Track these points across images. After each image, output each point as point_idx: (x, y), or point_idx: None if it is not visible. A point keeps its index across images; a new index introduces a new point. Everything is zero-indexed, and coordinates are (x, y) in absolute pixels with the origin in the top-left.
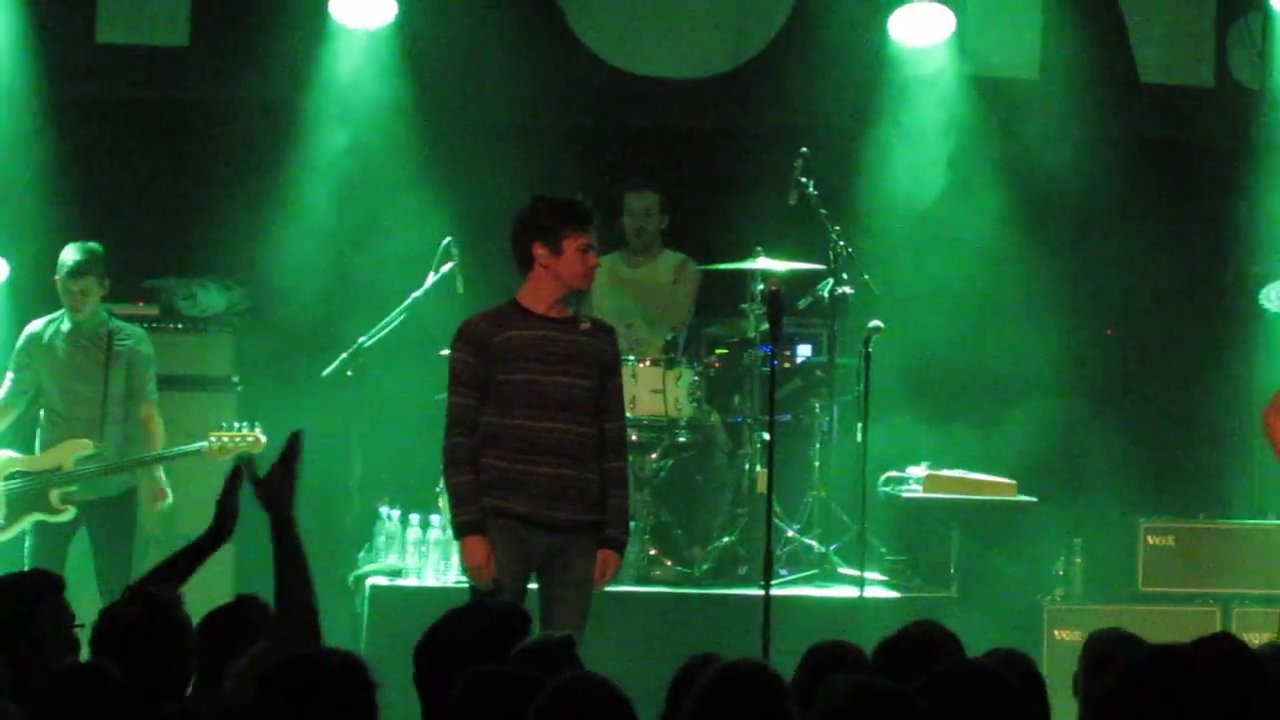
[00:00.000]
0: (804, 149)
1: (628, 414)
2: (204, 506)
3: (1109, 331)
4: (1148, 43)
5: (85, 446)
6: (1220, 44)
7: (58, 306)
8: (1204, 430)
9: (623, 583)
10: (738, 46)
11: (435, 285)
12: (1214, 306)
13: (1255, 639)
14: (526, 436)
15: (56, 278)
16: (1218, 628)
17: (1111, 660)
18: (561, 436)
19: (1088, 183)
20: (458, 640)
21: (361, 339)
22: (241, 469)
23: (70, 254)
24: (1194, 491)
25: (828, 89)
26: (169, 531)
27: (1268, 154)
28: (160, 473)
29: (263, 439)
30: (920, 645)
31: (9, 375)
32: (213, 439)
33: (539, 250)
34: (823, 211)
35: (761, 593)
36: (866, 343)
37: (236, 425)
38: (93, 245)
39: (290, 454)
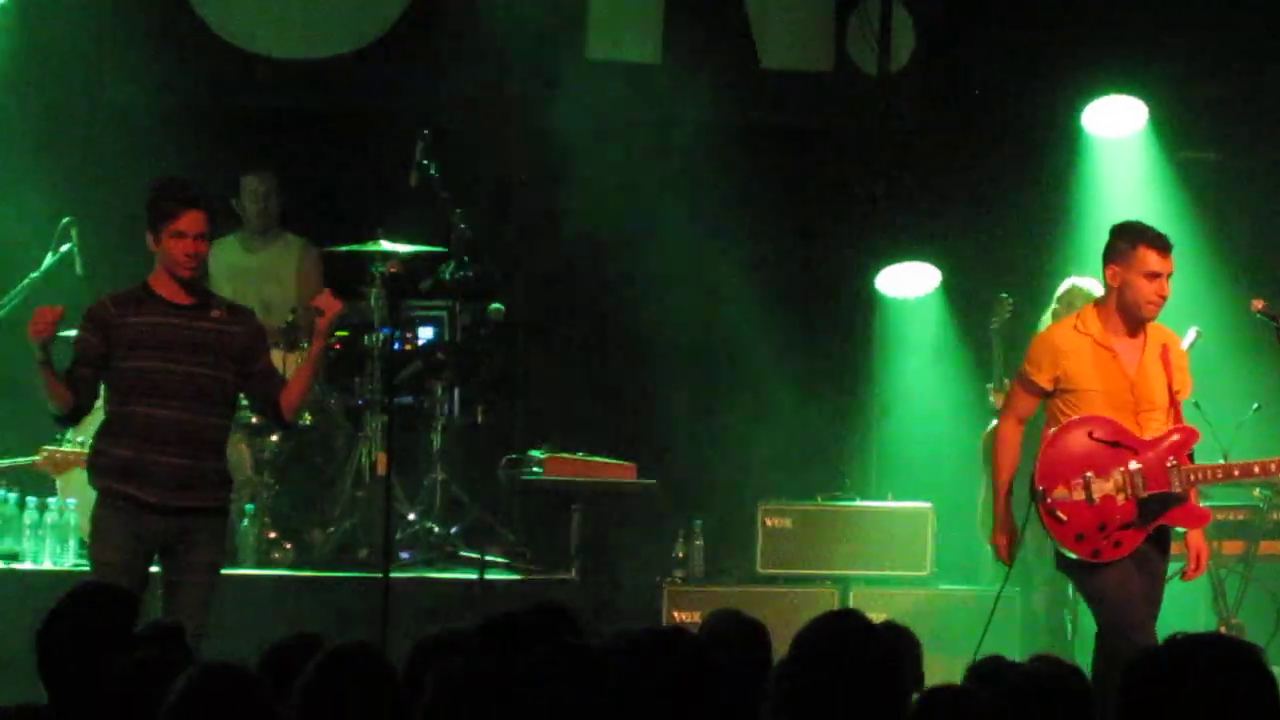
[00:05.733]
0: (425, 130)
1: None
2: None
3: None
4: (768, 27)
5: None
6: (839, 29)
7: None
8: (823, 412)
9: (242, 565)
10: (359, 27)
11: (53, 266)
12: (833, 289)
13: (874, 619)
14: (149, 424)
15: None
16: (836, 607)
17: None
18: (183, 426)
19: (710, 166)
20: (77, 626)
21: None
22: None
23: None
24: (814, 473)
25: (450, 70)
26: None
27: (885, 138)
28: None
29: None
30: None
31: None
32: None
33: (149, 238)
34: (444, 194)
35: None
36: (488, 325)
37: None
38: None
39: None
